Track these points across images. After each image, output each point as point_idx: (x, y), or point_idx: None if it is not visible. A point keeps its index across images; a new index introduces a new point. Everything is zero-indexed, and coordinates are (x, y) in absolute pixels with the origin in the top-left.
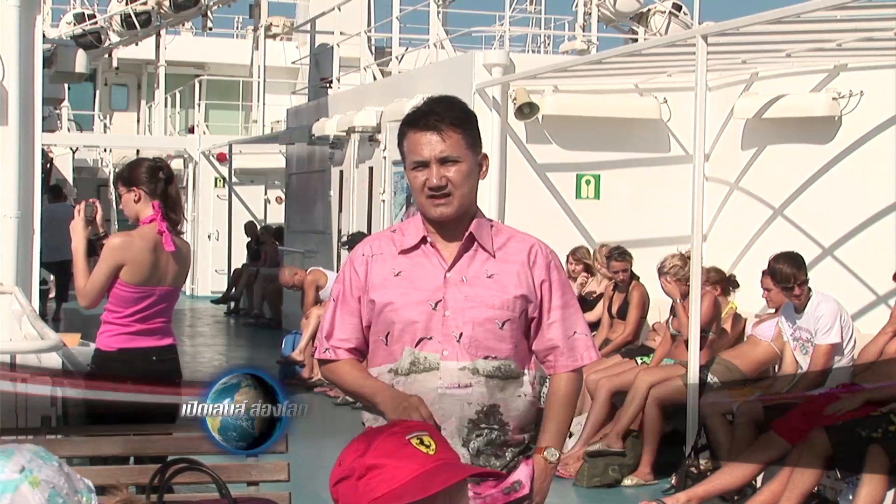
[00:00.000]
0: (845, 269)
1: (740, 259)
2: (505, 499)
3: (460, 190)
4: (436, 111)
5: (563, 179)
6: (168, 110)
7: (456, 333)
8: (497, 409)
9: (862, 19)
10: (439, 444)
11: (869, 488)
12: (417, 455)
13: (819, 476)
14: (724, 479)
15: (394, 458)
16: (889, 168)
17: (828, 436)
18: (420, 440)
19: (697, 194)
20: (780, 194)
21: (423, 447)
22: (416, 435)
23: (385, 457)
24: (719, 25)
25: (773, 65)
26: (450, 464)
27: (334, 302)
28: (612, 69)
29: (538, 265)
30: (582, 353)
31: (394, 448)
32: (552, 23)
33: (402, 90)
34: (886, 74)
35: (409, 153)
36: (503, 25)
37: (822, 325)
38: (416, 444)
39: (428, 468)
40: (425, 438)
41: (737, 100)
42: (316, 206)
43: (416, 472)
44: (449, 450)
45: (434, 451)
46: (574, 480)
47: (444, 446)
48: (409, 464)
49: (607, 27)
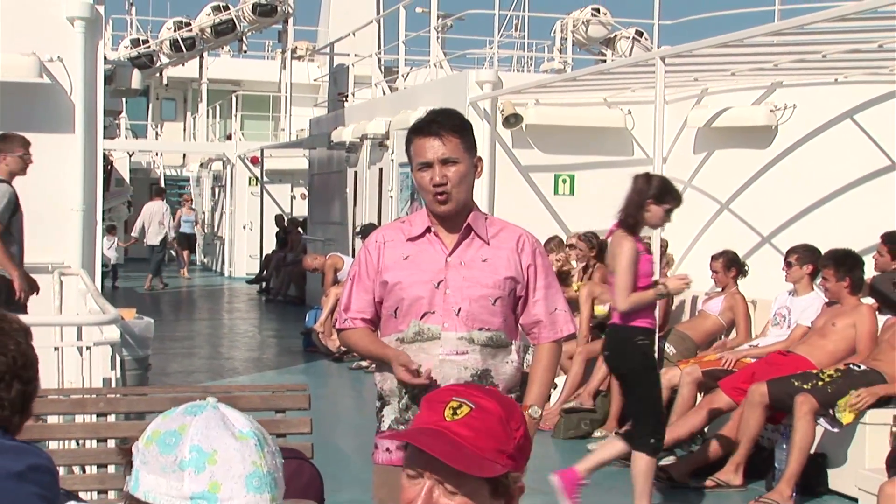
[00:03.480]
0: (780, 255)
1: (693, 246)
2: None
3: (458, 187)
4: (437, 120)
5: (544, 179)
6: (209, 120)
7: (455, 308)
8: (489, 372)
9: (795, 44)
10: (469, 418)
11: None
12: (436, 414)
13: (762, 423)
14: (675, 431)
15: (427, 405)
16: (818, 170)
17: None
18: (456, 407)
19: None
20: (725, 192)
21: (449, 411)
22: (460, 402)
23: (426, 402)
24: (675, 49)
25: (720, 82)
26: (445, 435)
27: (351, 281)
28: (585, 85)
29: (525, 252)
30: (562, 326)
31: (435, 399)
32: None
33: (407, 103)
34: (816, 90)
35: (415, 156)
36: (493, 48)
37: (808, 313)
38: (450, 407)
39: (424, 425)
40: (462, 408)
41: (690, 112)
42: (334, 201)
43: (421, 423)
44: (471, 428)
45: (453, 419)
46: (553, 433)
47: (471, 423)
48: (425, 414)
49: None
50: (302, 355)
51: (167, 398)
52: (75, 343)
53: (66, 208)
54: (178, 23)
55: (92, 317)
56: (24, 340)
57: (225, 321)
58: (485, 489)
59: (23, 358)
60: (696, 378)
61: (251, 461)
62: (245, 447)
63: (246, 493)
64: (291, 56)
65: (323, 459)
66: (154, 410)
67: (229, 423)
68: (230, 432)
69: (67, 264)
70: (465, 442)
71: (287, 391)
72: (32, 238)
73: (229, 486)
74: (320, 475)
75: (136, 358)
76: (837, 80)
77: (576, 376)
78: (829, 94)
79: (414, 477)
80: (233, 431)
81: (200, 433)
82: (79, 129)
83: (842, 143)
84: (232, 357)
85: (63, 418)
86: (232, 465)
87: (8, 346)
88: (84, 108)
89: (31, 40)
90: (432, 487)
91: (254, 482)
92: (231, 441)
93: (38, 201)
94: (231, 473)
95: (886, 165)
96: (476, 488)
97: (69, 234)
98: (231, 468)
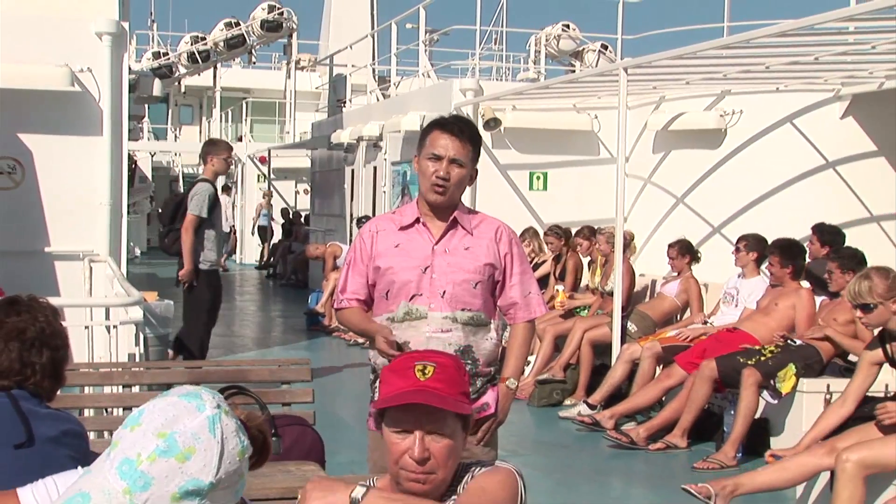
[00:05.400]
0: (729, 243)
1: (652, 235)
2: (476, 416)
3: (455, 186)
4: (460, 125)
5: (520, 176)
6: (222, 124)
7: (440, 291)
8: (471, 348)
9: (741, 56)
10: (436, 375)
11: (745, 402)
12: (410, 378)
13: (709, 394)
14: (635, 400)
15: (395, 374)
16: (761, 168)
17: (716, 364)
18: (422, 369)
19: (620, 187)
20: (681, 187)
21: (419, 373)
22: (423, 364)
23: (391, 372)
24: (636, 60)
25: (676, 90)
26: (427, 391)
27: (347, 265)
28: (556, 93)
29: (503, 241)
30: (535, 308)
31: (400, 368)
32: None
33: (399, 109)
34: (760, 98)
35: (429, 145)
36: (475, 60)
37: (755, 294)
38: (418, 370)
39: (407, 389)
40: (428, 369)
41: (649, 116)
42: (334, 195)
43: (400, 388)
44: (441, 381)
45: (425, 378)
46: (528, 401)
47: (439, 378)
48: (399, 381)
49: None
50: (305, 333)
51: (185, 371)
52: (103, 322)
53: (94, 202)
54: (195, 37)
55: (118, 299)
56: (52, 315)
57: (237, 303)
58: (458, 427)
59: (50, 328)
60: (656, 353)
61: (137, 451)
62: (143, 438)
63: (114, 471)
64: (295, 67)
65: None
66: (174, 382)
67: (178, 419)
68: (161, 421)
69: (96, 252)
70: (443, 392)
71: (291, 365)
72: (65, 229)
73: (116, 454)
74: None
75: (158, 335)
76: (779, 88)
77: (546, 351)
78: (772, 101)
79: (400, 433)
80: (162, 422)
81: (159, 404)
82: (106, 132)
83: (782, 144)
84: (243, 335)
85: (93, 389)
86: (130, 443)
87: (38, 318)
88: (111, 113)
89: (63, 53)
90: (423, 437)
91: (124, 468)
92: (150, 425)
93: (70, 196)
94: (123, 446)
95: (821, 164)
96: (454, 429)
97: (98, 225)
98: (128, 444)
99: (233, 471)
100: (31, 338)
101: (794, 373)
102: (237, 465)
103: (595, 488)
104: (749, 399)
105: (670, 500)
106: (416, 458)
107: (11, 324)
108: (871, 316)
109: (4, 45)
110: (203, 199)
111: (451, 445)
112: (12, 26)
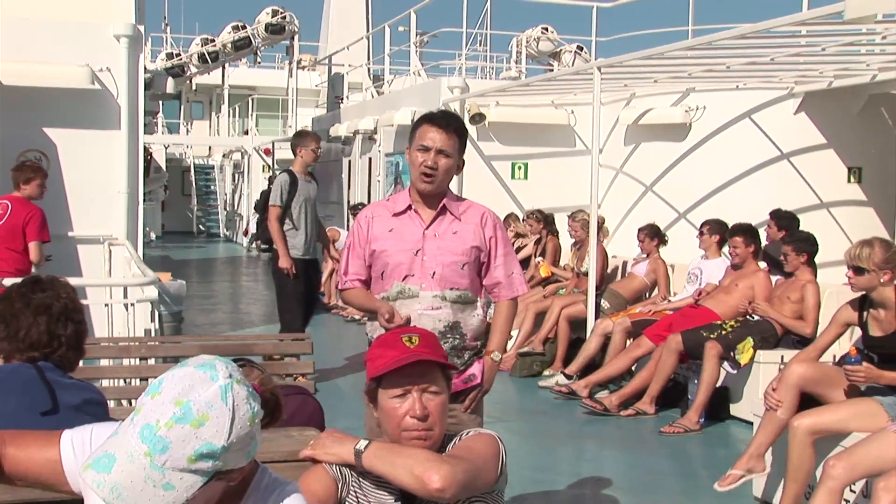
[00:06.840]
0: (693, 228)
1: (623, 220)
2: (464, 386)
3: (442, 175)
4: (447, 119)
5: (503, 166)
6: (230, 119)
7: (430, 272)
8: (459, 324)
9: (704, 57)
10: (422, 342)
11: (708, 372)
12: (400, 347)
13: (675, 365)
14: (607, 370)
15: (386, 347)
16: (723, 159)
17: (681, 337)
18: (409, 339)
19: (594, 176)
20: (650, 176)
21: (408, 343)
22: (408, 336)
23: (382, 346)
24: (609, 61)
25: (645, 87)
26: (420, 353)
27: (347, 249)
28: (536, 90)
29: (488, 226)
30: (517, 287)
31: (390, 341)
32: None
33: (392, 105)
34: (722, 95)
35: (418, 138)
36: (461, 60)
37: (716, 273)
38: (405, 340)
39: (402, 356)
40: (413, 338)
41: (621, 111)
42: (332, 184)
43: (394, 357)
44: (428, 346)
45: (413, 346)
46: (510, 373)
47: (425, 344)
48: (391, 352)
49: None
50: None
51: (197, 345)
52: (122, 300)
53: (113, 191)
54: (205, 39)
55: (135, 279)
56: (72, 292)
57: (243, 283)
58: (445, 386)
59: (72, 303)
60: (626, 327)
61: (157, 418)
62: (162, 406)
63: (136, 435)
64: (297, 66)
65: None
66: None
67: (193, 388)
68: (178, 390)
69: (115, 236)
70: (432, 355)
71: (293, 339)
72: (86, 216)
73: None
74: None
75: (172, 312)
76: (738, 86)
77: (527, 326)
78: (732, 98)
79: (399, 395)
80: (179, 391)
81: (178, 374)
82: (123, 126)
83: (741, 137)
84: (249, 312)
85: (112, 361)
86: (150, 409)
87: (60, 294)
88: (128, 109)
89: (85, 55)
90: (420, 395)
91: (145, 433)
92: (169, 394)
93: (91, 185)
94: (144, 412)
95: (776, 156)
96: (443, 387)
97: (116, 211)
98: (149, 410)
99: (244, 434)
100: (57, 312)
101: (751, 345)
102: (248, 430)
103: (571, 451)
104: (711, 369)
105: (641, 461)
106: (418, 415)
107: (38, 299)
108: (861, 279)
109: (31, 47)
110: (277, 189)
111: (444, 401)
112: (38, 31)
